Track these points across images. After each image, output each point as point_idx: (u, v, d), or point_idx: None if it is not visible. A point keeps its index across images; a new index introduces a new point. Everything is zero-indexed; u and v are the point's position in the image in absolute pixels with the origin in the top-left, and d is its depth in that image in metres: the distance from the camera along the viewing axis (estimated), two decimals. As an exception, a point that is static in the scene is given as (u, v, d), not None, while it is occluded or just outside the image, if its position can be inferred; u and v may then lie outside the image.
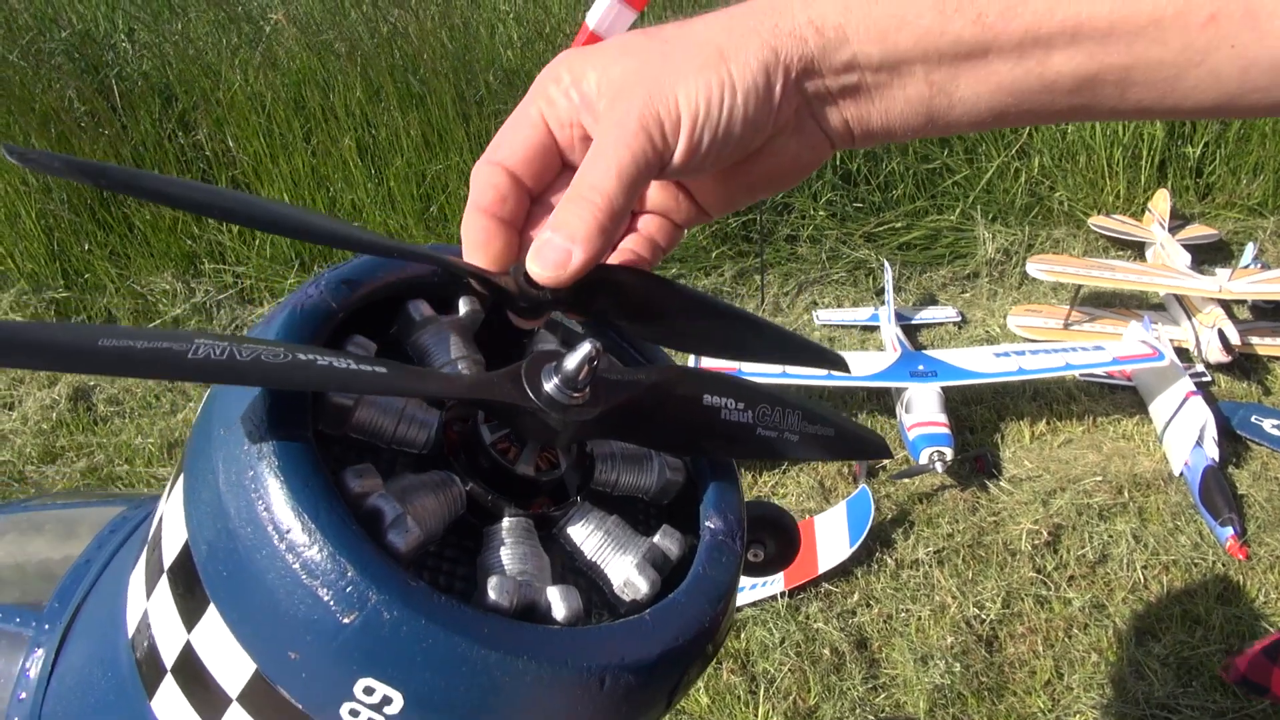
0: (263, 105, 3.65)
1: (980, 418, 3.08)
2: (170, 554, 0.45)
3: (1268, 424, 2.97)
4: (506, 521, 0.47)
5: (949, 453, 2.71)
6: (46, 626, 0.69)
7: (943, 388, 2.88)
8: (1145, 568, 2.59)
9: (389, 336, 0.52)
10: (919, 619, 2.44)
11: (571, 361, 0.44)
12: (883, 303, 3.42)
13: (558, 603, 0.44)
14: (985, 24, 0.45)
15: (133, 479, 2.86)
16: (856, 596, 2.50)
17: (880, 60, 0.47)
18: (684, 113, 0.46)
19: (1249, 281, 3.27)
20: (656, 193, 0.55)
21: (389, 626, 0.39)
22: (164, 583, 0.46)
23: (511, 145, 0.49)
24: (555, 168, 0.51)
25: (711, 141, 0.47)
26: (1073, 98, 0.47)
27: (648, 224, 0.55)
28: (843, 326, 3.52)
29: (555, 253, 0.46)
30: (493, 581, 0.43)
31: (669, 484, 0.53)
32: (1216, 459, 2.74)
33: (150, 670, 0.47)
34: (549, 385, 0.44)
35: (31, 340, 0.36)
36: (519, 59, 3.97)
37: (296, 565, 0.39)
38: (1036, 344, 3.16)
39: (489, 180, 0.49)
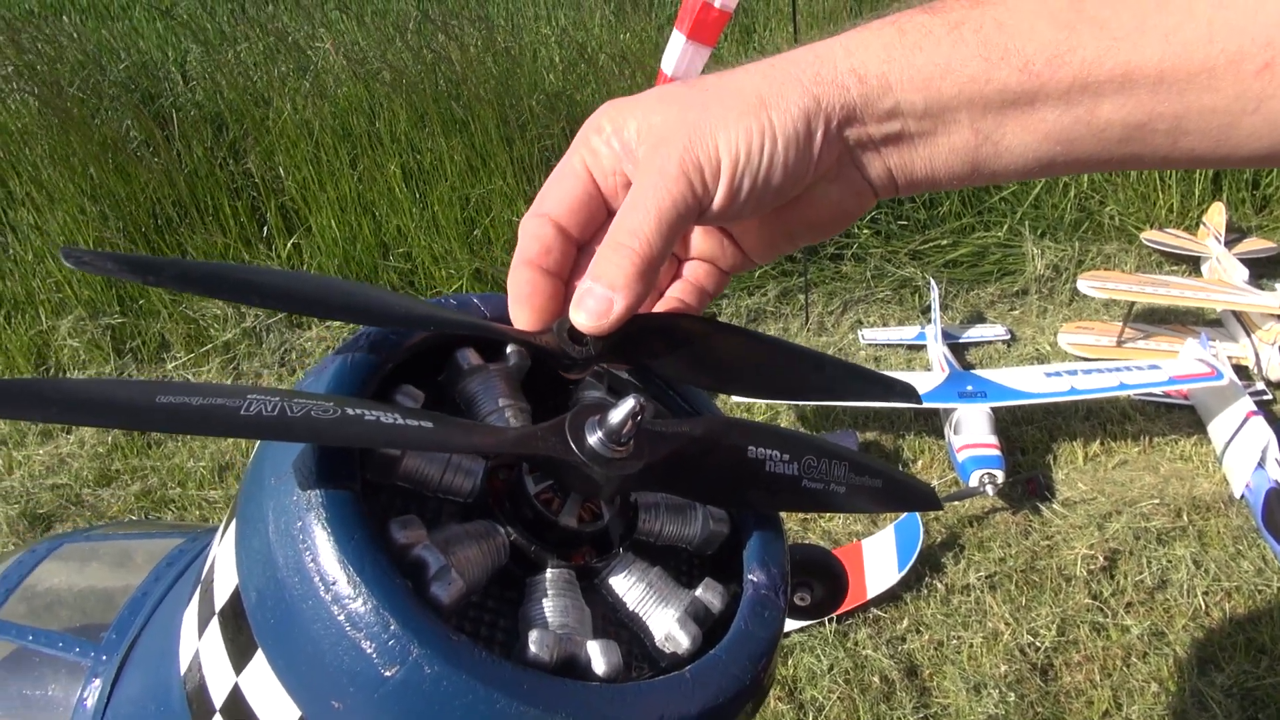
0: (311, 133, 3.72)
1: (1031, 438, 3.02)
2: (221, 597, 0.46)
3: (1334, 444, 2.87)
4: (549, 573, 0.47)
5: (1000, 475, 2.65)
6: (104, 657, 0.71)
7: (992, 408, 2.83)
8: (1206, 594, 2.51)
9: (437, 383, 0.53)
10: (971, 646, 2.39)
11: (615, 416, 0.44)
12: (929, 321, 3.37)
13: (598, 657, 0.43)
14: (1032, 72, 0.44)
15: (185, 502, 2.91)
16: (906, 623, 2.45)
17: (924, 108, 0.47)
18: (724, 158, 0.46)
19: (1311, 297, 3.18)
20: (702, 239, 0.55)
21: (430, 681, 0.39)
22: (215, 625, 0.47)
23: (556, 197, 0.50)
24: (601, 217, 0.51)
25: (752, 188, 0.47)
26: (1123, 146, 0.46)
27: (694, 270, 0.55)
28: (888, 346, 3.48)
29: (596, 301, 0.46)
30: (534, 635, 0.43)
31: (712, 535, 0.52)
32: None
33: (200, 709, 0.48)
34: (592, 439, 0.44)
35: (91, 398, 0.38)
36: (561, 82, 4.01)
37: (341, 617, 0.40)
38: (1089, 363, 3.09)
39: (534, 232, 0.49)
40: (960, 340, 3.47)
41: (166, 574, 0.74)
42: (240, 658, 0.44)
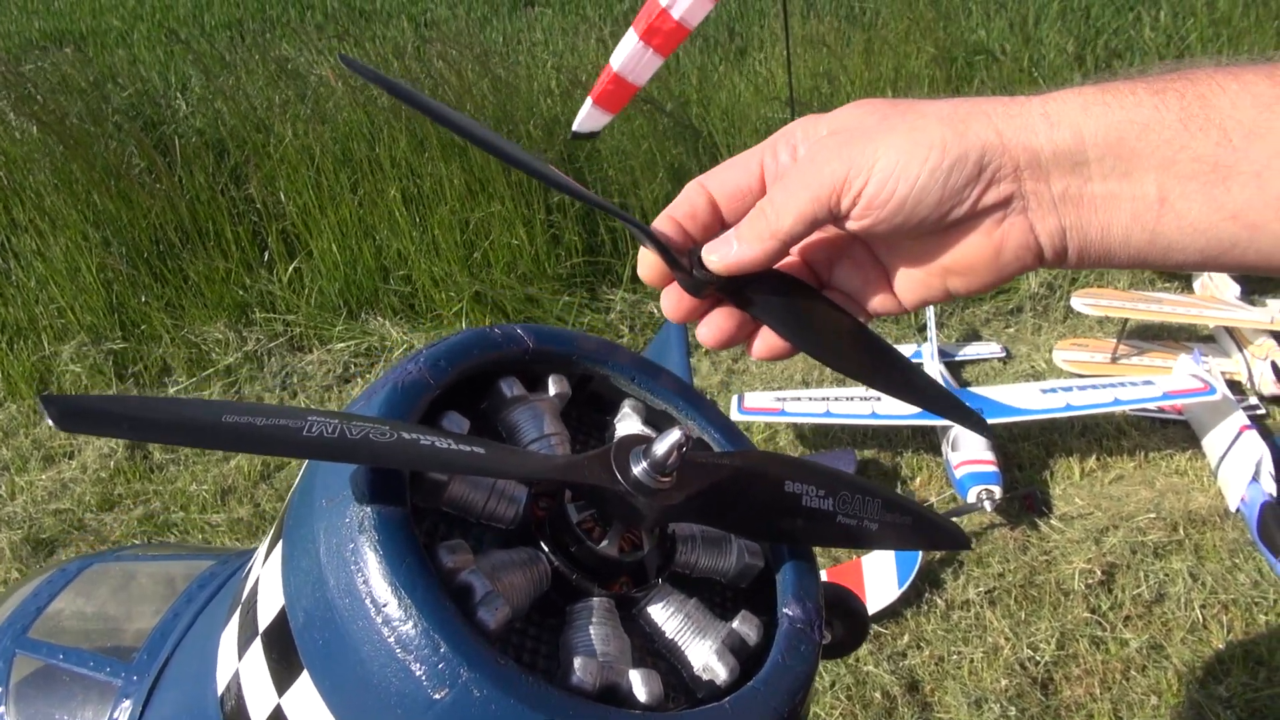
0: (311, 158, 3.75)
1: (1028, 454, 3.05)
2: (266, 618, 0.47)
3: (1326, 457, 2.89)
4: (590, 601, 0.48)
5: (998, 491, 2.68)
6: (135, 678, 0.71)
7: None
8: (1204, 607, 2.53)
9: (479, 411, 0.54)
10: (971, 661, 2.41)
11: (661, 447, 0.45)
12: (925, 339, 3.40)
13: (639, 686, 0.44)
14: (1229, 145, 0.43)
15: (187, 525, 2.91)
16: (907, 638, 2.47)
17: (1112, 165, 0.45)
18: (880, 161, 0.48)
19: (1301, 312, 3.21)
20: (849, 273, 0.57)
21: (478, 704, 0.40)
22: (258, 645, 0.47)
23: (722, 178, 0.55)
24: (749, 205, 0.55)
25: (901, 199, 0.48)
26: None
27: (834, 300, 0.57)
28: (885, 364, 3.50)
29: (721, 243, 0.52)
30: (578, 662, 0.44)
31: (747, 568, 0.54)
32: (1274, 494, 2.68)
33: None
34: (637, 469, 0.45)
35: (159, 418, 0.39)
36: (558, 107, 4.05)
37: (391, 639, 0.41)
38: (1084, 379, 3.12)
39: (689, 196, 0.55)
40: (956, 358, 3.50)
41: (198, 596, 0.75)
42: (284, 678, 0.45)
